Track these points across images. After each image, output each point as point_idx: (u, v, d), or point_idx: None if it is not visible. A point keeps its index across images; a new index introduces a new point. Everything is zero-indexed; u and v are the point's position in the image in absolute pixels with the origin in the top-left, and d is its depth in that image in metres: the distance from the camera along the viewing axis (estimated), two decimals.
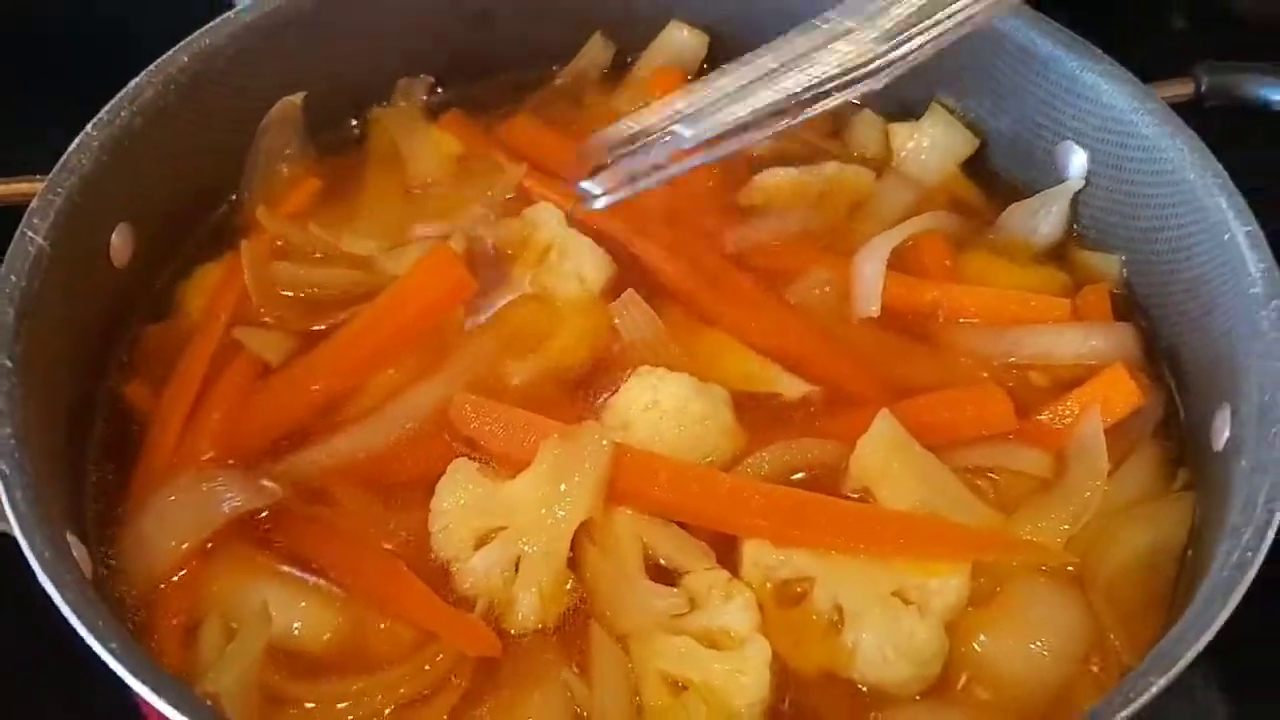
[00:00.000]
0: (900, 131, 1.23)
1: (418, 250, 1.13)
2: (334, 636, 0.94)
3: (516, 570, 0.94)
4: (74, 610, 0.78)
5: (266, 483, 0.99)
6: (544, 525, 0.95)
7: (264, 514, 0.98)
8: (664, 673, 0.91)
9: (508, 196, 1.18)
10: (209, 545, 0.95)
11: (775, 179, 1.20)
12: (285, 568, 0.96)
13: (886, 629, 0.92)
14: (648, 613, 0.93)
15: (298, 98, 1.17)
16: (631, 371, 1.05)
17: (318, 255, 1.14)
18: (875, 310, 1.09)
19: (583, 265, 1.12)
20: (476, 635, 0.92)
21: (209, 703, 0.85)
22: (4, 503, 0.83)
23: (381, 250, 1.13)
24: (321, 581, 0.96)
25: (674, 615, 0.93)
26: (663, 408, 1.01)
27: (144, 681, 0.76)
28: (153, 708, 0.77)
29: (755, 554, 0.96)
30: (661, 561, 0.96)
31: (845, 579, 0.94)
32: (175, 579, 0.94)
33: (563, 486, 0.95)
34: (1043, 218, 1.17)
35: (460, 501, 0.96)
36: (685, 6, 1.26)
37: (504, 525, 0.95)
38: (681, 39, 1.27)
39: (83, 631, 0.78)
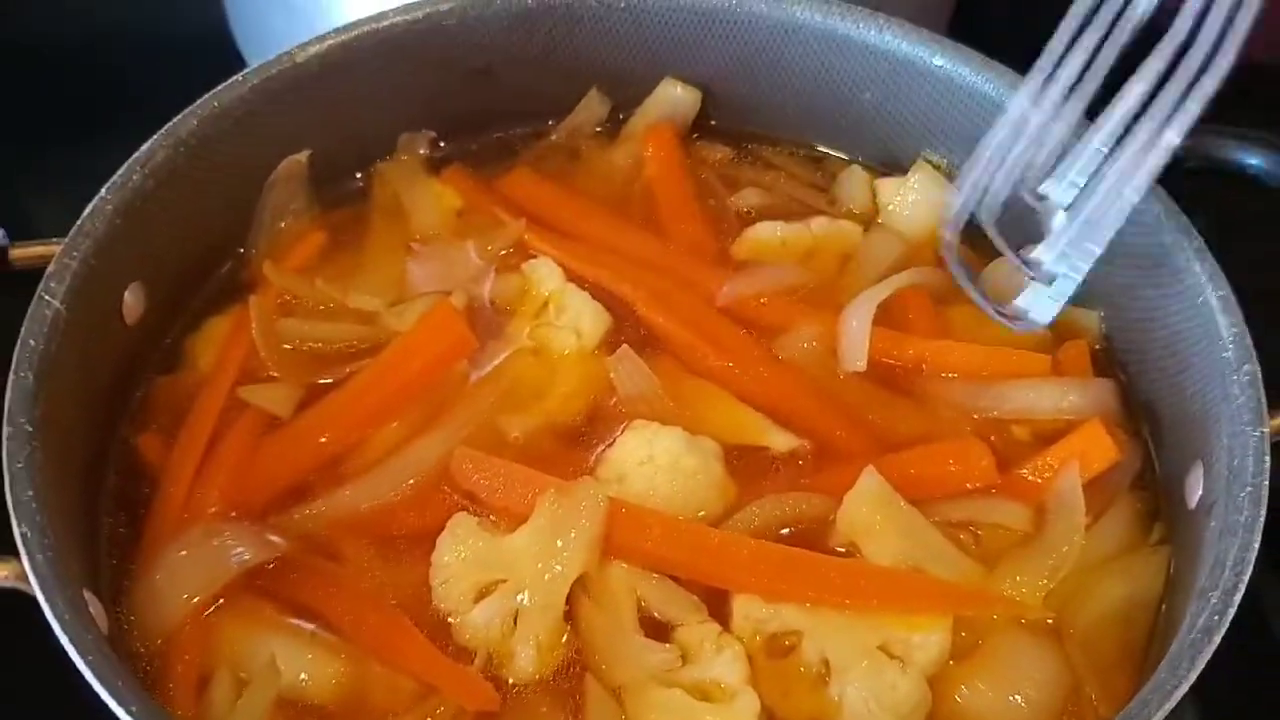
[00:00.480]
0: (886, 187, 1.27)
1: (421, 305, 1.16)
2: (339, 688, 0.97)
3: (515, 623, 0.98)
4: (95, 673, 0.81)
5: (273, 537, 1.02)
6: (541, 579, 0.98)
7: (270, 566, 1.01)
8: None
9: (504, 252, 1.21)
10: (219, 599, 0.99)
11: (765, 233, 1.23)
12: (292, 620, 0.99)
13: (870, 682, 0.96)
14: (641, 667, 0.96)
15: (303, 155, 1.20)
16: (626, 425, 1.08)
17: (323, 309, 1.17)
18: (861, 365, 1.13)
19: (580, 319, 1.15)
20: (475, 689, 0.95)
21: None
22: (25, 565, 0.86)
23: (385, 306, 1.16)
24: (327, 633, 0.99)
25: (667, 669, 0.96)
26: (657, 463, 1.05)
27: None
28: None
29: (745, 608, 0.99)
30: (655, 614, 1.00)
31: (832, 633, 0.98)
32: (185, 631, 0.97)
33: (559, 542, 0.99)
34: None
35: (460, 555, 1.00)
36: (679, 64, 1.29)
37: (503, 579, 0.99)
38: (675, 95, 1.30)
39: (104, 694, 0.81)
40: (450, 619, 0.99)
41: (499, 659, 0.98)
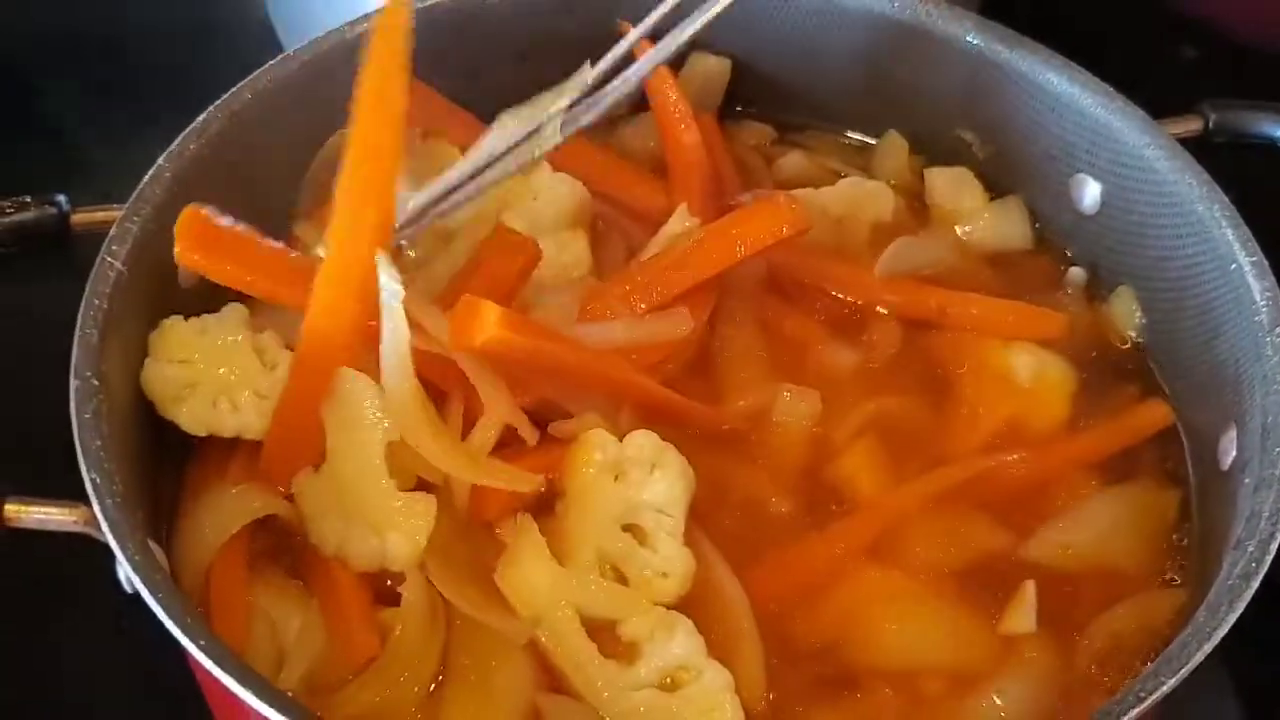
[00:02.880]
0: (949, 193, 1.28)
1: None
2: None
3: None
4: (165, 609, 0.84)
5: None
6: (359, 473, 0.99)
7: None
8: None
9: None
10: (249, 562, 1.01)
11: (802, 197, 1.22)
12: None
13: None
14: (613, 686, 0.94)
15: None
16: None
17: None
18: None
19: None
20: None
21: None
22: (96, 510, 0.89)
23: None
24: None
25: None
26: None
27: (231, 675, 0.82)
28: (223, 698, 0.84)
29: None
30: (595, 618, 0.97)
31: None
32: (222, 581, 0.99)
33: (350, 433, 0.99)
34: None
35: (314, 508, 1.01)
36: (716, 44, 1.31)
37: (346, 494, 1.00)
38: (707, 65, 1.31)
39: (174, 630, 0.84)
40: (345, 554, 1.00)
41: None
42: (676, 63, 1.30)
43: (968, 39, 1.23)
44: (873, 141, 1.35)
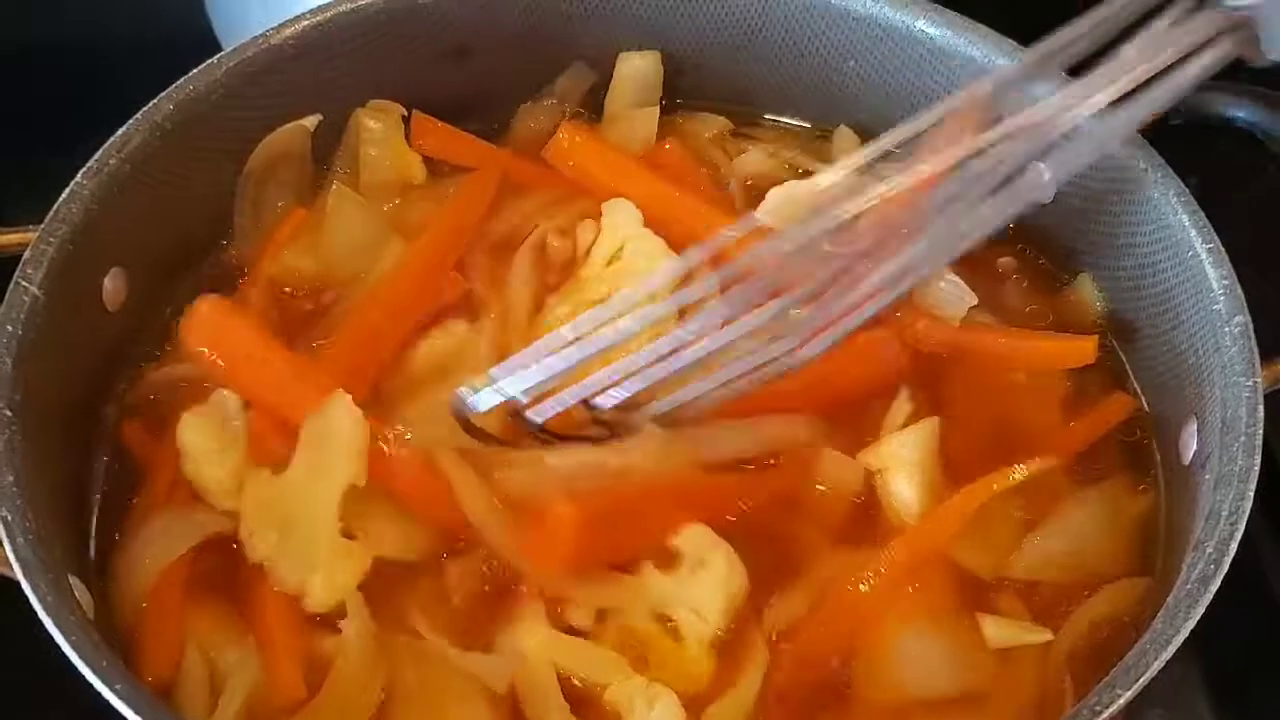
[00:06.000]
0: None
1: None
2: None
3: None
4: (78, 652, 0.81)
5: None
6: (312, 501, 0.96)
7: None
8: None
9: None
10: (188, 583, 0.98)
11: (788, 190, 1.15)
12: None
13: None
14: None
15: (309, 121, 1.19)
16: None
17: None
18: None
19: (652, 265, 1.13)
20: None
21: None
22: (6, 548, 0.86)
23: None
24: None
25: None
26: None
27: None
28: None
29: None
30: (577, 681, 0.95)
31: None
32: (160, 608, 0.97)
33: (321, 459, 0.97)
34: None
35: (253, 506, 0.99)
36: (659, 39, 1.28)
37: (290, 511, 0.97)
38: (637, 67, 1.28)
39: (87, 673, 0.80)
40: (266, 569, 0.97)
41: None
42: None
43: (917, 26, 1.20)
44: (808, 126, 1.32)
